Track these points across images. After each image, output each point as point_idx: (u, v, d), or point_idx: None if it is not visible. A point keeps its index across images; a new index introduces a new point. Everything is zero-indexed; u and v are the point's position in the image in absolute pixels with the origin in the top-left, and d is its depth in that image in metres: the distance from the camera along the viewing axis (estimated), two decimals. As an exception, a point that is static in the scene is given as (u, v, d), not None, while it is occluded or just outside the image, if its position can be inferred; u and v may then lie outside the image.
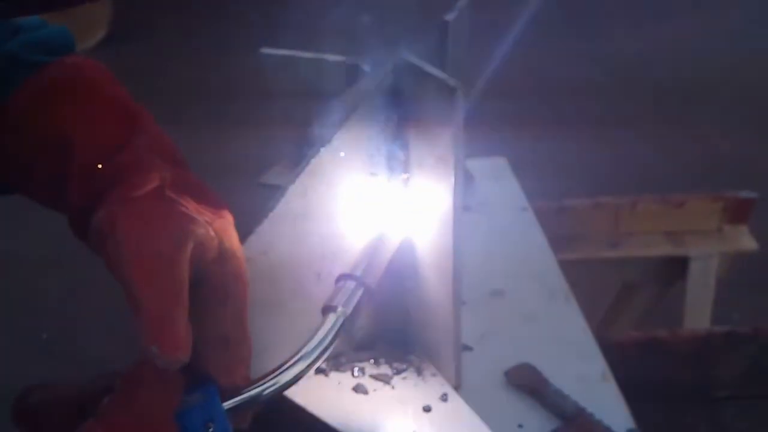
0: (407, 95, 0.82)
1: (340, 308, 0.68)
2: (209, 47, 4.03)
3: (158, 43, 4.25)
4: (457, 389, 0.94)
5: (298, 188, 0.78)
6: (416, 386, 0.94)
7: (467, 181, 1.36)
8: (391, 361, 0.96)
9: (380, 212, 0.83)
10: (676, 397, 1.81)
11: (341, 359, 0.95)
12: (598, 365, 1.04)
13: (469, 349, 1.03)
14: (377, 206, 0.84)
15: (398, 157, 0.84)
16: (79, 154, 0.60)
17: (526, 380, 1.00)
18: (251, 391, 0.62)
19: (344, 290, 0.70)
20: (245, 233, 0.74)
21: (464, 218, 0.85)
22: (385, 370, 0.95)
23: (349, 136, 0.81)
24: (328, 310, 0.68)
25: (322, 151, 0.78)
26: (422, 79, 0.79)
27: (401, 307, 0.96)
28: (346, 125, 0.80)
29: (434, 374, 0.95)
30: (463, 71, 1.02)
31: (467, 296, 0.98)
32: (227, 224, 0.61)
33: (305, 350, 0.65)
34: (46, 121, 0.61)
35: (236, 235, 0.62)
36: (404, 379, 0.95)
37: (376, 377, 0.94)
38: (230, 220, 0.61)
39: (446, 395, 0.92)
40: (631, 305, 1.92)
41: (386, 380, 0.94)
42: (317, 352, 0.65)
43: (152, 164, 0.60)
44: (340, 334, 0.67)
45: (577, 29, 4.16)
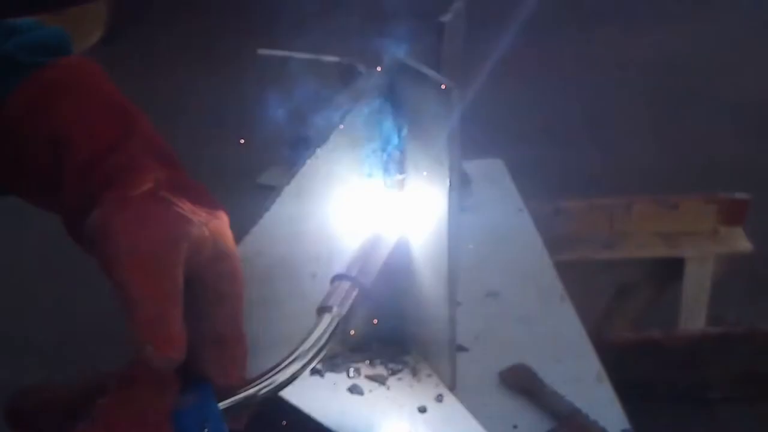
0: (403, 96, 0.82)
1: (335, 308, 0.68)
2: (206, 48, 4.03)
3: (154, 44, 4.25)
4: (452, 390, 0.94)
5: (293, 189, 0.78)
6: (411, 387, 0.94)
7: (463, 182, 1.36)
8: (386, 361, 0.96)
9: (376, 213, 0.84)
10: (671, 397, 1.81)
11: (336, 360, 0.96)
12: (592, 366, 1.04)
13: (464, 349, 1.03)
14: (372, 207, 0.84)
15: (394, 157, 0.84)
16: (74, 155, 0.60)
17: (521, 381, 1.00)
18: (247, 391, 0.62)
19: (339, 290, 0.70)
20: (241, 234, 0.74)
21: (460, 219, 0.85)
22: (380, 370, 0.96)
23: (344, 137, 0.81)
24: (323, 310, 0.68)
25: (317, 152, 0.79)
26: (418, 80, 0.79)
27: (397, 307, 0.96)
28: (341, 126, 0.80)
29: (429, 375, 0.95)
30: (458, 72, 1.02)
31: (463, 297, 0.98)
32: (222, 225, 0.61)
33: (300, 350, 0.65)
34: (41, 122, 0.61)
35: (231, 235, 0.62)
36: (399, 379, 0.95)
37: (371, 378, 0.95)
38: (225, 220, 0.61)
39: (441, 396, 0.93)
40: (626, 306, 1.92)
41: (381, 381, 0.94)
42: (312, 352, 0.65)
43: (147, 165, 0.60)
44: (335, 334, 0.67)
45: (575, 31, 4.17)
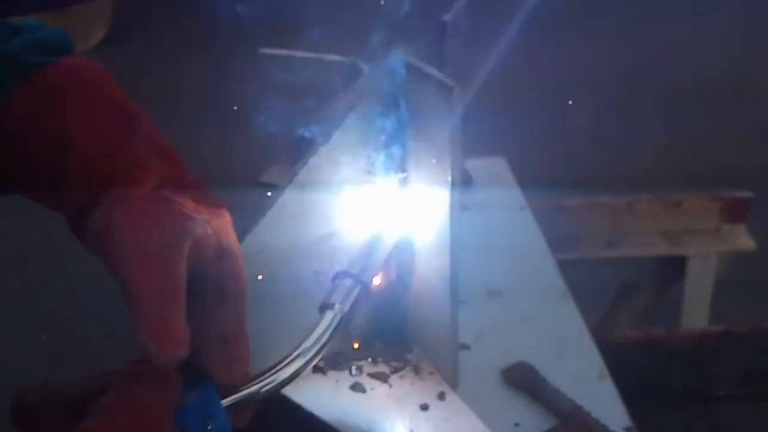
0: (405, 95, 0.82)
1: (337, 306, 0.68)
2: (209, 46, 4.03)
3: (158, 42, 4.25)
4: (454, 388, 0.94)
5: (295, 187, 0.78)
6: (414, 385, 0.94)
7: (465, 180, 1.36)
8: (388, 359, 0.97)
9: (377, 211, 0.84)
10: (673, 396, 1.81)
11: (339, 358, 0.96)
12: (595, 364, 1.04)
13: (466, 347, 1.04)
14: (374, 205, 0.84)
15: (395, 156, 0.84)
16: (76, 154, 0.60)
17: (523, 379, 1.00)
18: (249, 388, 0.62)
19: (341, 288, 0.70)
20: (243, 232, 0.74)
21: (462, 218, 0.85)
22: (382, 368, 0.96)
23: (346, 135, 0.81)
24: (325, 307, 0.69)
25: (319, 150, 0.79)
26: (420, 79, 0.79)
27: (399, 305, 0.96)
28: (343, 125, 0.81)
29: (432, 373, 0.95)
30: (460, 71, 1.02)
31: (465, 295, 0.98)
32: (225, 223, 0.61)
33: (303, 347, 0.65)
34: (44, 121, 0.62)
35: (234, 233, 0.62)
36: (402, 377, 0.95)
37: (373, 376, 0.95)
38: (228, 219, 0.62)
39: (443, 394, 0.93)
40: (629, 305, 1.92)
41: (384, 379, 0.94)
42: (315, 349, 0.65)
43: (150, 164, 0.60)
44: (337, 331, 0.68)
45: (576, 30, 4.17)
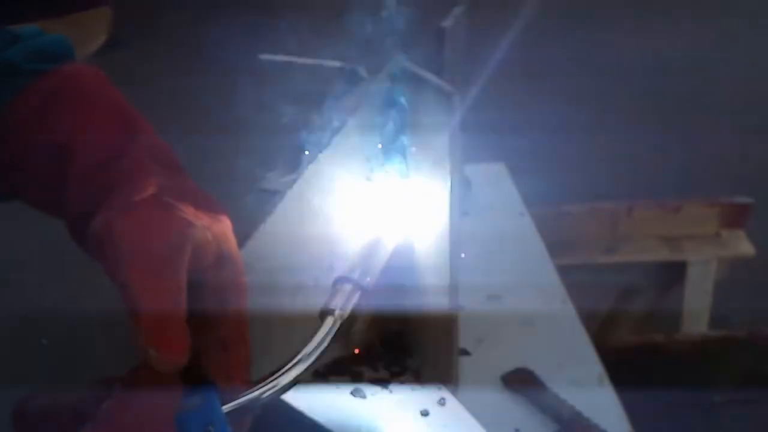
0: (404, 100, 0.82)
1: (337, 311, 0.68)
2: (210, 53, 4.04)
3: (158, 48, 4.26)
4: (454, 393, 0.94)
5: (295, 193, 0.78)
6: (414, 390, 0.94)
7: (465, 186, 1.37)
8: (388, 365, 0.97)
9: (377, 216, 0.84)
10: (673, 401, 1.81)
11: (339, 363, 0.96)
12: (594, 369, 1.05)
13: (466, 353, 1.04)
14: (374, 210, 0.84)
15: (395, 161, 0.84)
16: (77, 160, 0.60)
17: (523, 384, 1.00)
18: (250, 394, 0.62)
19: (341, 293, 0.70)
20: (243, 238, 0.74)
21: (462, 223, 0.85)
22: (382, 374, 0.96)
23: (346, 141, 0.81)
24: (325, 313, 0.69)
25: (319, 156, 0.79)
26: (419, 84, 0.79)
27: (399, 311, 0.96)
28: (343, 130, 0.81)
29: (432, 378, 0.95)
30: (459, 77, 1.02)
31: (465, 301, 0.98)
32: (225, 229, 0.61)
33: (303, 353, 0.65)
34: (44, 128, 0.62)
35: (234, 239, 0.62)
36: (402, 383, 0.95)
37: (373, 381, 0.95)
38: (228, 224, 0.62)
39: (444, 399, 0.93)
40: (628, 310, 1.92)
41: (384, 384, 0.94)
42: (315, 354, 0.65)
43: (150, 170, 0.60)
44: (338, 336, 0.67)
45: (575, 35, 4.18)
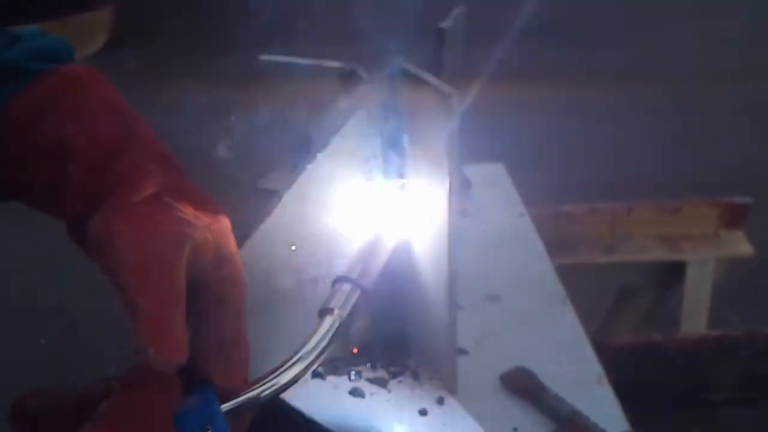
0: (403, 101, 0.82)
1: (336, 310, 0.68)
2: (209, 53, 4.04)
3: (158, 49, 4.26)
4: (453, 393, 0.94)
5: (294, 193, 0.78)
6: (412, 390, 0.94)
7: (465, 187, 1.37)
8: (387, 364, 0.97)
9: (376, 217, 0.84)
10: (671, 400, 1.81)
11: (338, 363, 0.96)
12: (593, 369, 1.05)
13: (465, 352, 1.04)
14: (373, 211, 0.84)
15: (394, 162, 0.84)
16: (76, 160, 0.61)
17: (521, 384, 1.01)
18: (249, 393, 0.62)
19: (341, 292, 0.71)
20: (242, 238, 0.75)
21: (462, 223, 0.86)
22: (381, 373, 0.96)
23: (345, 141, 0.81)
24: (324, 312, 0.69)
25: (318, 156, 0.79)
26: (418, 85, 0.80)
27: (398, 310, 0.96)
28: (342, 131, 0.81)
29: (430, 378, 0.96)
30: (459, 78, 1.03)
31: (464, 300, 0.99)
32: (224, 229, 0.61)
33: (302, 352, 0.65)
34: (44, 128, 0.62)
35: (233, 239, 0.62)
36: (400, 382, 0.95)
37: (372, 381, 0.95)
38: (227, 224, 0.62)
39: (442, 399, 0.93)
40: (628, 310, 1.93)
41: (383, 384, 0.95)
42: (315, 353, 0.65)
43: (149, 170, 0.60)
44: (337, 336, 0.68)
45: (575, 35, 4.18)
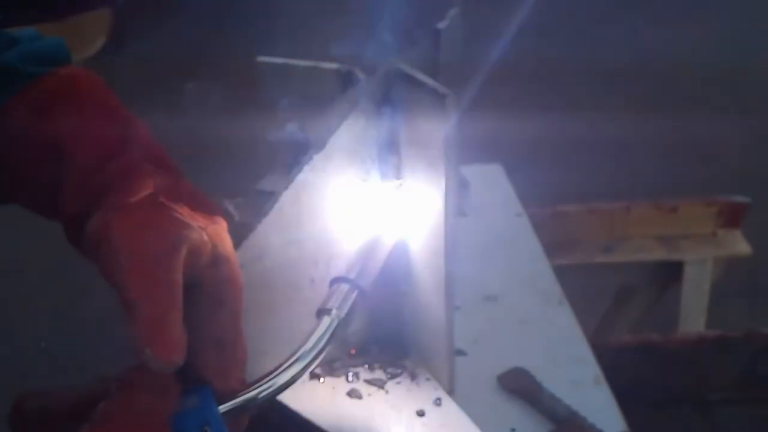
0: (399, 102, 0.83)
1: (334, 311, 0.69)
2: (207, 55, 4.04)
3: (156, 52, 4.26)
4: (450, 394, 0.94)
5: (291, 194, 0.78)
6: (410, 391, 0.94)
7: (463, 187, 1.37)
8: (385, 365, 0.97)
9: (373, 217, 0.84)
10: (669, 400, 1.81)
11: (335, 364, 0.96)
12: (590, 369, 1.05)
13: (462, 353, 1.04)
14: (370, 211, 0.84)
15: (391, 163, 0.84)
16: (73, 162, 0.61)
17: (519, 384, 1.01)
18: (247, 394, 0.62)
19: (338, 293, 0.71)
20: (239, 239, 0.75)
21: (459, 224, 0.86)
22: (379, 374, 0.96)
23: (342, 142, 0.82)
24: (322, 312, 0.69)
25: (315, 157, 0.79)
26: (414, 87, 0.80)
27: (395, 311, 0.96)
28: (339, 131, 0.81)
29: (428, 379, 0.96)
30: (456, 79, 1.03)
31: (461, 301, 0.99)
32: (221, 229, 0.61)
33: (300, 353, 0.65)
34: (40, 129, 0.62)
35: (230, 240, 0.62)
36: (398, 383, 0.95)
37: (370, 382, 0.95)
38: (224, 225, 0.62)
39: (440, 400, 0.93)
40: (626, 310, 1.93)
41: (380, 385, 0.95)
42: (312, 354, 0.65)
43: (146, 172, 0.61)
44: (334, 336, 0.68)
45: (572, 34, 4.18)
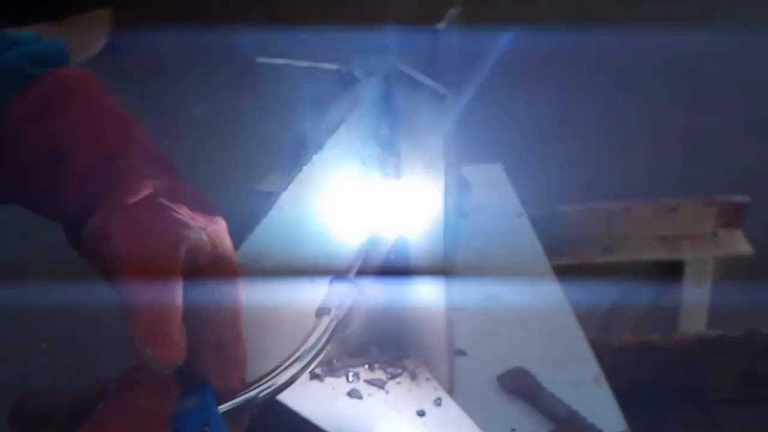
0: (398, 102, 0.83)
1: (333, 310, 0.69)
2: (207, 56, 4.04)
3: (156, 52, 4.26)
4: (450, 394, 0.94)
5: (290, 194, 0.79)
6: (410, 391, 0.95)
7: (463, 187, 1.37)
8: (385, 365, 0.97)
9: (373, 218, 0.84)
10: (670, 400, 1.81)
11: (336, 364, 0.96)
12: (591, 369, 1.05)
13: (462, 353, 1.04)
14: (370, 212, 0.84)
15: (390, 162, 0.84)
16: (72, 163, 0.61)
17: (519, 384, 1.01)
18: (246, 394, 0.62)
19: (337, 292, 0.71)
20: (239, 239, 0.75)
21: (459, 223, 0.86)
22: (379, 374, 0.96)
23: (341, 142, 0.82)
24: (321, 312, 0.69)
25: (314, 158, 0.79)
26: (413, 87, 0.80)
27: (395, 311, 0.96)
28: (338, 132, 0.81)
29: (428, 379, 0.96)
30: (455, 79, 1.03)
31: (461, 301, 0.98)
32: (220, 230, 0.61)
33: (300, 352, 0.65)
34: (39, 131, 0.62)
35: (229, 240, 0.62)
36: (398, 383, 0.95)
37: (370, 382, 0.95)
38: (223, 225, 0.62)
39: (440, 400, 0.93)
40: (626, 310, 1.92)
41: (380, 385, 0.95)
42: (312, 353, 0.66)
43: (145, 172, 0.61)
44: (334, 335, 0.68)
45: (572, 34, 4.18)
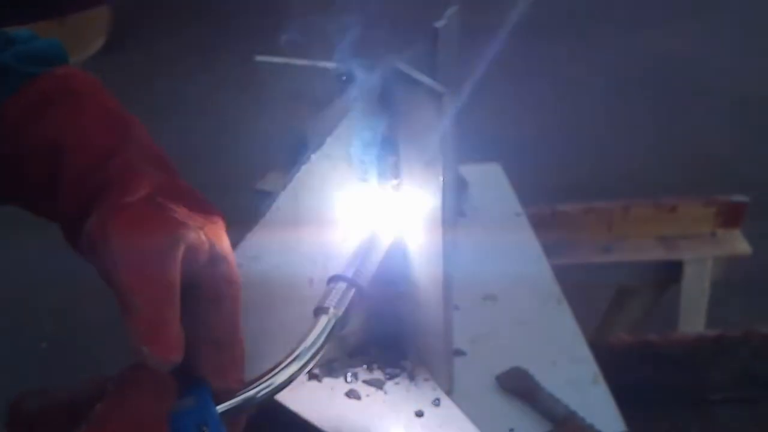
0: (397, 101, 0.82)
1: (331, 309, 0.68)
2: (206, 55, 4.05)
3: (156, 50, 4.26)
4: (449, 394, 0.94)
5: (289, 194, 0.79)
6: (409, 391, 0.94)
7: (462, 186, 1.37)
8: (384, 366, 0.97)
9: (371, 216, 0.84)
10: (668, 400, 1.81)
11: (334, 365, 0.96)
12: (589, 369, 1.05)
13: (461, 353, 1.04)
14: (368, 210, 0.84)
15: (388, 162, 0.84)
16: (70, 162, 0.61)
17: (518, 384, 1.00)
18: (245, 393, 0.62)
19: (336, 291, 0.70)
20: (238, 238, 0.75)
21: (458, 223, 0.86)
22: (377, 375, 0.96)
23: (339, 141, 0.82)
24: (320, 311, 0.69)
25: (312, 157, 0.79)
26: (411, 85, 0.80)
27: (394, 312, 0.96)
28: (336, 131, 0.81)
29: (427, 379, 0.96)
30: (454, 78, 1.03)
31: (460, 301, 0.98)
32: (218, 229, 0.61)
33: (298, 351, 0.65)
34: (37, 130, 0.62)
35: (227, 239, 0.62)
36: (397, 384, 0.95)
37: (368, 382, 0.95)
38: (221, 224, 0.62)
39: (438, 400, 0.93)
40: (626, 310, 1.92)
41: (379, 385, 0.95)
42: (310, 353, 0.65)
43: (143, 172, 0.61)
44: (332, 335, 0.68)
45: (572, 34, 4.18)
